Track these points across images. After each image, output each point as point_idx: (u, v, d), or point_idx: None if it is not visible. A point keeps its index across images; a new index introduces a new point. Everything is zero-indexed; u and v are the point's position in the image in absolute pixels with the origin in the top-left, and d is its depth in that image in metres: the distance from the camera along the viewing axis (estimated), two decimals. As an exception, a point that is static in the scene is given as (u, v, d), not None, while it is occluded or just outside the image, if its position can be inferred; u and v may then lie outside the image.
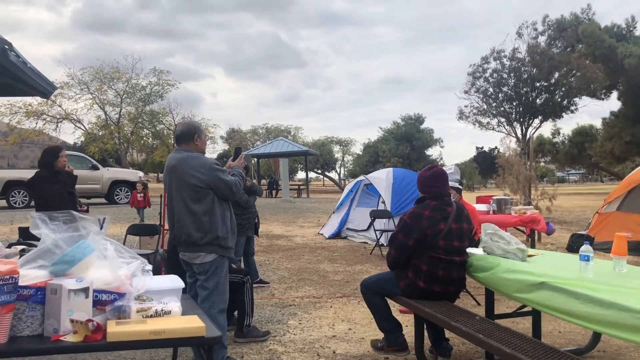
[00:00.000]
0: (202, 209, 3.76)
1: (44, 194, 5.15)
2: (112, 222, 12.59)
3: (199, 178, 3.74)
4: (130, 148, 38.25)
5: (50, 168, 5.27)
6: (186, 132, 3.95)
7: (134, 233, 7.09)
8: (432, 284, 3.89)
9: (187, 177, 3.76)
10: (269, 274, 7.72)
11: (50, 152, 5.39)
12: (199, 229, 3.76)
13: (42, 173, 5.27)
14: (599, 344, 4.26)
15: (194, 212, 3.76)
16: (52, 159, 5.29)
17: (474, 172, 53.08)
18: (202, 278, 3.88)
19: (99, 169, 19.52)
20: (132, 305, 2.24)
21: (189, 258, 3.90)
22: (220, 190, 3.81)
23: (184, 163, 3.81)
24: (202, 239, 3.77)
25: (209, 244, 3.80)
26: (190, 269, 4.00)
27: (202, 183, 3.74)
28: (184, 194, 3.79)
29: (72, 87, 31.96)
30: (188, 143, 3.93)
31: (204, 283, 3.87)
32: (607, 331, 2.71)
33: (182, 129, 4.01)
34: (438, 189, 4.02)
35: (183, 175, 3.78)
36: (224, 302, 3.98)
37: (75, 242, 2.25)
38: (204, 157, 3.90)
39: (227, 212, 3.92)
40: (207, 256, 3.82)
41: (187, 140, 3.93)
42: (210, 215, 3.77)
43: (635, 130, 30.50)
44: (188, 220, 3.78)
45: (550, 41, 30.59)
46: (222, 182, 3.79)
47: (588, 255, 3.41)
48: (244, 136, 49.20)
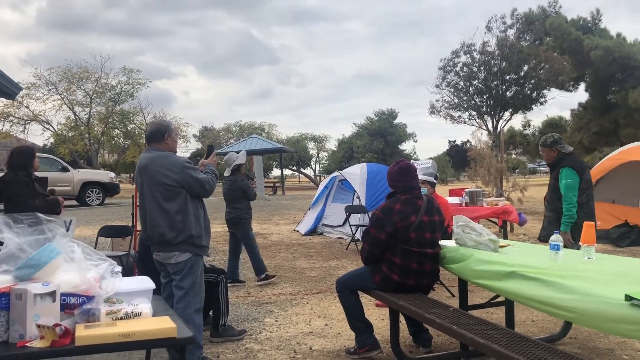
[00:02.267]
0: (175, 207, 3.73)
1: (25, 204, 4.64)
2: (83, 224, 12.39)
3: (170, 177, 3.71)
4: (101, 149, 37.68)
5: (26, 170, 4.86)
6: (156, 132, 3.92)
7: (105, 235, 6.99)
8: (406, 276, 3.91)
9: (158, 177, 3.73)
10: (245, 272, 7.68)
11: (25, 153, 4.96)
12: (172, 228, 3.73)
13: (19, 177, 4.80)
14: (570, 331, 4.35)
15: (167, 211, 3.73)
16: (28, 160, 4.90)
17: (447, 166, 53.63)
18: (177, 278, 3.84)
19: (69, 171, 19.16)
20: (102, 307, 2.20)
21: (163, 258, 3.86)
22: (192, 188, 3.78)
23: (155, 162, 3.78)
24: (176, 238, 3.74)
25: (182, 243, 3.77)
26: (164, 269, 3.96)
27: (174, 182, 3.72)
28: (155, 193, 3.75)
29: (39, 87, 31.33)
30: (159, 142, 3.90)
31: (179, 283, 3.83)
32: (576, 318, 2.75)
33: (153, 129, 3.97)
34: (407, 183, 4.04)
35: (154, 174, 3.75)
36: (200, 301, 3.95)
37: (41, 245, 2.20)
38: (175, 156, 3.87)
39: (200, 210, 3.89)
40: (181, 255, 3.79)
41: (157, 139, 3.90)
42: (183, 214, 3.75)
43: (602, 121, 31.14)
44: (161, 219, 3.75)
45: (519, 34, 30.98)
46: (194, 180, 3.77)
47: (558, 244, 3.47)
48: (217, 134, 48.81)
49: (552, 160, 5.10)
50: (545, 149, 5.14)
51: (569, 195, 4.83)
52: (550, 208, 5.13)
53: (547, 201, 5.23)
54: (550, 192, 5.10)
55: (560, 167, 4.96)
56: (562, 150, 5.06)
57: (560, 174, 4.92)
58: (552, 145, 5.07)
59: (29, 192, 4.82)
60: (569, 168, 4.90)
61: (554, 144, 5.07)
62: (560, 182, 4.90)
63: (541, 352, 2.70)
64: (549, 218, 5.16)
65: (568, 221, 4.82)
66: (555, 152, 5.07)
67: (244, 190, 6.90)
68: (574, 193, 4.83)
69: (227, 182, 7.06)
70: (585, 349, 4.14)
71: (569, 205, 4.82)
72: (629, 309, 2.40)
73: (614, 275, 2.94)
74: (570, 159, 5.04)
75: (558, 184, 4.94)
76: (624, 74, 29.11)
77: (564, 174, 4.89)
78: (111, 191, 20.05)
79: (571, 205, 4.82)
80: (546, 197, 5.31)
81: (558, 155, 5.06)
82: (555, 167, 5.05)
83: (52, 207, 4.87)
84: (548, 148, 5.10)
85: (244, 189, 6.91)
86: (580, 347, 4.16)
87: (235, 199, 6.94)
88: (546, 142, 5.12)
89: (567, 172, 4.89)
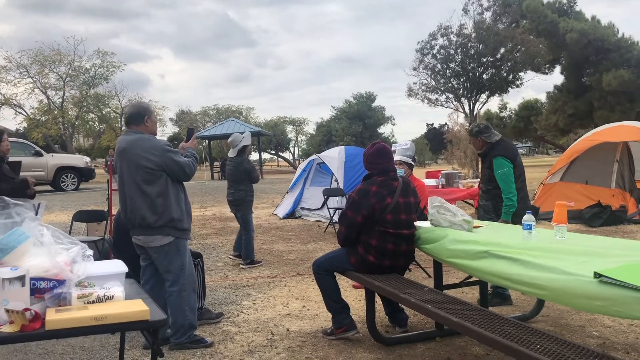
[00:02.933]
0: (155, 191, 3.72)
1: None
2: (59, 209, 12.23)
3: (151, 160, 3.70)
4: (76, 133, 37.10)
5: None
6: (136, 114, 3.88)
7: (80, 219, 6.90)
8: (382, 258, 3.94)
9: (138, 160, 3.71)
10: (222, 256, 7.67)
11: None
12: (154, 211, 3.73)
13: None
14: (543, 309, 4.43)
15: (147, 194, 3.72)
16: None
17: (425, 149, 53.95)
18: (163, 263, 3.85)
19: (43, 156, 18.83)
20: (73, 291, 2.17)
21: (144, 242, 3.85)
22: (173, 172, 3.78)
23: (135, 145, 3.75)
24: (157, 222, 3.74)
25: (164, 227, 3.77)
26: (144, 252, 3.96)
27: (154, 165, 3.71)
28: (136, 176, 3.73)
29: (10, 70, 30.71)
30: (138, 124, 3.87)
31: (168, 267, 3.85)
32: (546, 294, 2.80)
33: (132, 111, 3.93)
34: (382, 165, 4.05)
35: (134, 157, 3.73)
36: (193, 282, 4.01)
37: (9, 229, 2.17)
38: (155, 139, 3.85)
39: (181, 194, 3.89)
40: (163, 239, 3.79)
41: (137, 121, 3.87)
42: (164, 197, 3.74)
43: (577, 103, 31.54)
44: (141, 202, 3.74)
45: (495, 17, 31.13)
46: (175, 163, 3.76)
47: (530, 224, 3.52)
48: (194, 118, 48.34)
49: (482, 149, 5.08)
50: (472, 138, 5.14)
51: (507, 184, 4.84)
52: (486, 197, 5.09)
53: (481, 190, 5.21)
54: (486, 182, 5.07)
55: (492, 156, 4.95)
56: (487, 140, 5.03)
57: (494, 164, 4.91)
58: (477, 135, 5.05)
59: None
60: (501, 157, 4.89)
61: (479, 134, 5.05)
62: (495, 172, 4.89)
63: (514, 330, 2.75)
64: (485, 207, 5.11)
65: (509, 210, 4.83)
66: (482, 141, 5.05)
67: (248, 172, 6.97)
68: (511, 181, 4.85)
69: (232, 163, 7.10)
70: (557, 326, 4.23)
71: (509, 194, 4.83)
72: (598, 286, 2.45)
73: (584, 253, 2.99)
74: (500, 147, 5.00)
75: (493, 173, 4.93)
76: (598, 56, 29.49)
77: (497, 163, 4.89)
78: (86, 176, 19.78)
79: (511, 194, 4.83)
80: (479, 186, 5.34)
81: (488, 145, 5.03)
82: (487, 157, 5.02)
83: (20, 190, 4.74)
84: (474, 138, 5.09)
85: (248, 170, 6.98)
86: (552, 325, 4.25)
87: (240, 181, 7.00)
88: (472, 132, 5.12)
89: (499, 162, 4.88)
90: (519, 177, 4.96)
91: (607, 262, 2.69)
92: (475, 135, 5.06)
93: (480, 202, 5.23)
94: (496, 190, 4.94)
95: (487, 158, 5.03)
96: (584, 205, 9.66)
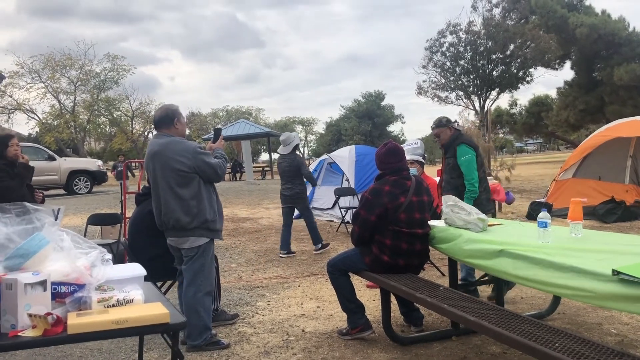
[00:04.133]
0: (189, 193, 3.79)
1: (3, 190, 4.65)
2: (72, 213, 12.32)
3: (184, 163, 3.76)
4: (88, 137, 37.36)
5: (2, 158, 4.84)
6: (165, 117, 3.93)
7: (95, 223, 6.94)
8: (397, 257, 3.94)
9: (171, 163, 3.77)
10: (236, 257, 7.70)
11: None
12: (187, 213, 3.80)
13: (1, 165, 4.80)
14: (558, 307, 4.41)
15: (181, 197, 3.79)
16: (1, 149, 4.85)
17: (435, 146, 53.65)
18: (188, 261, 3.92)
19: (56, 160, 18.99)
20: (93, 295, 2.19)
21: (177, 243, 3.93)
22: (205, 173, 3.84)
23: (167, 148, 3.81)
24: (191, 223, 3.81)
25: (197, 228, 3.84)
26: (178, 254, 4.03)
27: (187, 168, 3.77)
28: (169, 179, 3.80)
29: (22, 76, 30.95)
30: (168, 127, 3.93)
31: (190, 266, 3.92)
32: (564, 292, 2.79)
33: (161, 114, 3.97)
34: (395, 164, 4.05)
35: (167, 160, 3.79)
36: (210, 285, 4.04)
37: (30, 234, 2.19)
38: (186, 142, 3.91)
39: (213, 195, 3.96)
40: (197, 240, 3.87)
41: (167, 125, 3.92)
42: (197, 199, 3.81)
43: (588, 98, 31.32)
44: (175, 205, 3.80)
45: (504, 13, 30.97)
46: (207, 165, 3.82)
47: (545, 221, 3.49)
48: (204, 120, 48.50)
49: (448, 139, 5.12)
50: (442, 129, 5.14)
51: (470, 170, 4.92)
52: (448, 188, 5.12)
53: (444, 182, 5.22)
54: (449, 172, 5.11)
55: (456, 145, 5.02)
56: (457, 128, 5.16)
57: (458, 151, 4.97)
58: (448, 124, 5.12)
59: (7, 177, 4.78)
60: (464, 144, 4.99)
61: (449, 122, 5.14)
62: (460, 158, 4.96)
63: (531, 328, 2.74)
64: None
65: (472, 196, 4.90)
66: (452, 130, 5.13)
67: (301, 167, 7.52)
68: (474, 167, 4.93)
69: (287, 160, 7.63)
70: (573, 324, 4.20)
71: (472, 180, 4.91)
72: (617, 284, 2.44)
73: (601, 251, 2.97)
74: (463, 137, 5.15)
75: (456, 162, 4.99)
76: (609, 51, 29.26)
77: (461, 150, 4.96)
78: (99, 179, 19.93)
79: (474, 180, 4.91)
80: (440, 184, 5.38)
81: (454, 134, 5.12)
82: (451, 146, 5.08)
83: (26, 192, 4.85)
84: (445, 127, 5.12)
85: (301, 165, 7.56)
86: (569, 322, 4.23)
87: (295, 176, 7.55)
88: (442, 122, 5.15)
89: (463, 149, 4.96)
90: (481, 167, 5.07)
91: (624, 259, 2.68)
92: (446, 124, 5.12)
93: (443, 194, 5.16)
94: (459, 180, 5.01)
95: (450, 148, 5.09)
96: (597, 201, 9.58)
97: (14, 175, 4.87)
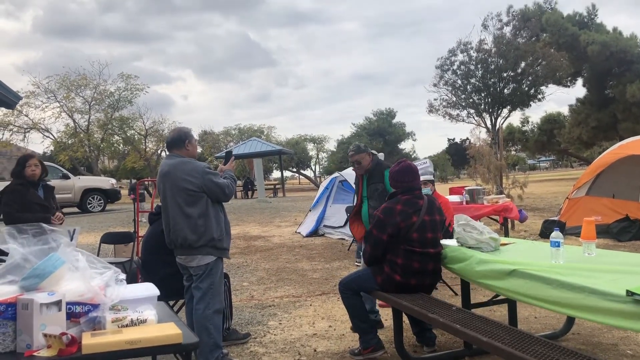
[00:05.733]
0: (197, 212, 3.87)
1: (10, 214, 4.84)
2: (86, 231, 12.41)
3: (192, 182, 3.85)
4: (101, 155, 37.72)
5: (18, 178, 5.01)
6: (177, 139, 4.05)
7: (108, 241, 6.99)
8: (409, 276, 3.93)
9: (181, 182, 3.87)
10: (248, 276, 7.70)
11: (17, 161, 5.11)
12: (194, 231, 3.86)
13: (10, 186, 5.01)
14: (573, 327, 4.36)
15: (189, 215, 3.86)
16: (19, 169, 5.02)
17: (447, 164, 53.63)
18: (197, 280, 3.97)
19: (70, 178, 19.19)
20: (107, 315, 2.21)
21: (185, 261, 3.99)
22: (213, 193, 3.92)
23: (177, 169, 3.91)
24: (198, 242, 3.87)
25: (204, 246, 3.90)
26: (187, 272, 4.09)
27: (196, 187, 3.86)
28: (178, 198, 3.88)
29: (38, 96, 31.44)
30: (180, 149, 4.04)
31: (198, 284, 3.97)
32: (578, 314, 2.77)
33: (173, 136, 4.11)
34: (408, 183, 4.06)
35: (177, 180, 3.88)
36: (220, 302, 4.07)
37: (45, 255, 2.22)
38: (196, 162, 4.02)
39: (220, 214, 4.03)
40: (204, 258, 3.92)
41: (178, 146, 4.04)
42: (205, 218, 3.88)
43: (600, 115, 31.17)
44: (183, 224, 3.88)
45: (515, 31, 30.98)
46: (215, 185, 3.91)
47: (558, 241, 3.48)
48: (217, 138, 48.79)
49: (369, 165, 4.95)
50: (362, 154, 4.94)
51: None
52: None
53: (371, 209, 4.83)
54: (378, 198, 4.77)
55: (382, 170, 4.86)
56: (374, 153, 5.06)
57: (386, 176, 4.76)
58: (366, 149, 4.99)
59: (19, 201, 4.90)
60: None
61: (367, 148, 5.02)
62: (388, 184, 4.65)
63: (544, 349, 2.72)
64: None
65: None
66: (370, 155, 4.99)
67: None
68: None
69: None
70: (588, 344, 4.15)
71: None
72: (631, 305, 2.42)
73: (614, 271, 2.96)
74: (384, 162, 5.05)
75: (385, 188, 4.77)
76: (621, 68, 29.17)
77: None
78: (112, 197, 20.10)
79: None
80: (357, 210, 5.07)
81: (373, 159, 4.98)
82: (376, 172, 4.91)
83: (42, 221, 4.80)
84: (364, 153, 4.96)
85: None
86: (583, 343, 4.18)
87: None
88: (361, 148, 4.99)
89: None
90: None
91: (638, 280, 2.65)
92: (365, 149, 4.98)
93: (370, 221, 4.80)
94: None
95: (375, 173, 4.92)
96: (611, 219, 9.49)
97: (31, 193, 4.96)
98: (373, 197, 4.91)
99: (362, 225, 5.04)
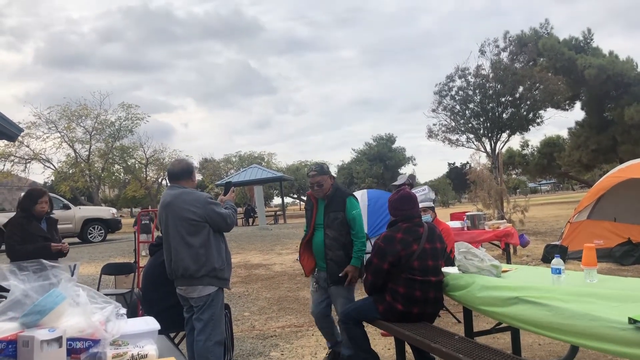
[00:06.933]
0: (198, 241, 3.87)
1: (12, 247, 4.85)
2: (86, 262, 12.38)
3: (195, 212, 3.87)
4: (102, 184, 37.79)
5: (24, 211, 5.00)
6: (186, 170, 4.12)
7: (108, 272, 6.98)
8: (411, 305, 3.91)
9: (183, 212, 3.89)
10: (249, 305, 7.66)
11: (28, 196, 5.06)
12: (196, 261, 3.87)
13: (14, 218, 5.01)
14: (577, 354, 4.32)
15: (191, 245, 3.87)
16: (29, 204, 5.00)
17: (448, 188, 53.66)
18: (198, 311, 3.95)
19: (71, 208, 19.20)
20: (108, 351, 2.20)
21: (186, 292, 3.97)
22: (215, 222, 3.94)
23: (180, 199, 3.94)
24: (199, 272, 3.87)
25: (205, 276, 3.89)
26: (187, 303, 4.06)
27: (198, 217, 3.88)
28: (180, 228, 3.90)
29: (39, 126, 31.64)
30: (187, 180, 4.10)
31: (199, 315, 3.95)
32: (580, 342, 2.75)
33: (182, 168, 4.15)
34: (407, 211, 4.07)
35: (179, 210, 3.91)
36: (221, 334, 4.05)
37: (46, 291, 2.22)
38: (198, 192, 4.08)
39: (222, 244, 4.04)
40: (205, 289, 3.91)
41: (186, 178, 4.10)
42: (206, 248, 3.89)
43: (600, 138, 31.28)
44: (185, 253, 3.88)
45: (512, 57, 31.24)
46: (217, 214, 3.93)
47: (559, 268, 3.48)
48: (217, 165, 48.94)
49: (329, 189, 4.54)
50: (324, 176, 4.52)
51: (361, 225, 4.46)
52: (337, 247, 4.47)
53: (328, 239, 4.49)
54: (338, 228, 4.45)
55: (344, 197, 4.51)
56: (333, 176, 4.66)
57: (347, 203, 4.47)
58: (329, 172, 4.61)
59: (20, 234, 4.90)
60: (352, 197, 4.54)
61: (329, 171, 4.64)
62: (350, 212, 4.45)
63: (548, 379, 2.70)
64: (337, 258, 4.47)
65: (361, 255, 4.46)
66: (332, 179, 4.59)
67: None
68: (362, 222, 4.50)
69: None
70: (593, 371, 4.11)
71: (362, 237, 4.48)
72: (633, 333, 2.41)
73: (616, 297, 2.94)
74: (344, 189, 4.72)
75: (346, 217, 4.45)
76: (619, 91, 29.37)
77: (351, 203, 4.49)
78: (113, 227, 20.08)
79: (363, 237, 4.50)
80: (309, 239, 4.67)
81: (334, 183, 4.59)
82: (336, 198, 4.51)
83: (43, 251, 4.74)
84: (327, 175, 4.55)
85: None
86: (588, 370, 4.14)
87: None
88: (324, 170, 4.59)
89: (352, 202, 4.50)
90: None
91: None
92: (328, 171, 4.59)
93: (329, 255, 4.49)
94: (347, 237, 4.47)
95: (335, 200, 4.50)
96: (613, 243, 9.45)
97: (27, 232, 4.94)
98: (332, 227, 4.47)
99: (311, 258, 4.70)
